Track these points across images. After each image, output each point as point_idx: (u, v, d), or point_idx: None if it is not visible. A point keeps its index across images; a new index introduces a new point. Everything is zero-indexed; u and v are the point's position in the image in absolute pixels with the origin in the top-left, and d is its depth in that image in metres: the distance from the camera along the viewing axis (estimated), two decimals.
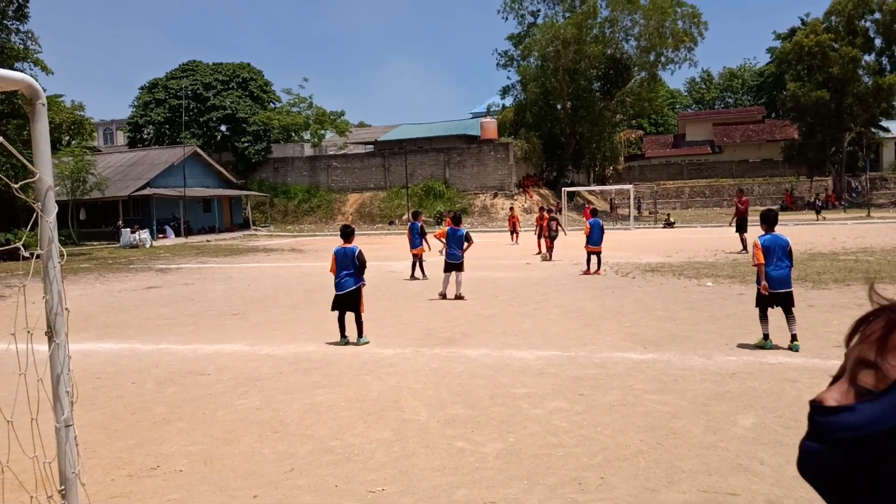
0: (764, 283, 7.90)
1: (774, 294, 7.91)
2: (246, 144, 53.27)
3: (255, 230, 45.69)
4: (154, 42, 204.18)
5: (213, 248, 31.42)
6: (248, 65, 55.84)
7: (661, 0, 46.20)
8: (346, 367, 7.94)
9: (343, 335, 9.21)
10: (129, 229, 34.12)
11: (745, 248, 19.89)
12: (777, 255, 7.95)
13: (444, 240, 13.44)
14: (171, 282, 18.07)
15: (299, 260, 23.69)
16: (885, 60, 47.78)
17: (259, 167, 54.02)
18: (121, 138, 73.10)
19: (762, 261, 7.92)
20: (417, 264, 16.73)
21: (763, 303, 8.03)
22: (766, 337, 8.08)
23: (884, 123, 59.10)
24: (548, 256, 20.01)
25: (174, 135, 52.30)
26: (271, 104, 56.24)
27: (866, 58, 47.51)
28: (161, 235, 37.78)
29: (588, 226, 16.53)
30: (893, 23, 45.46)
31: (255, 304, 13.30)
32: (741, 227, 20.42)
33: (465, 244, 13.23)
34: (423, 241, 16.71)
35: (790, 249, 8.07)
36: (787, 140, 56.07)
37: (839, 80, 45.79)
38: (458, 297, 12.89)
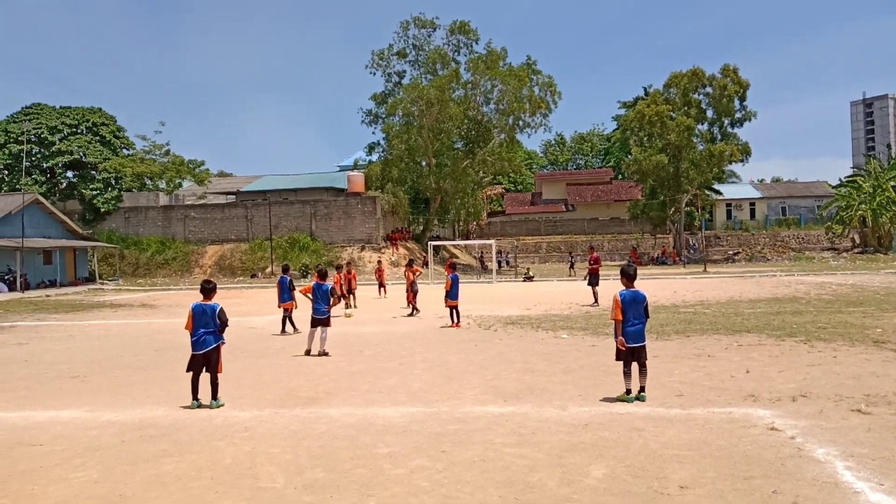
0: (621, 338, 8.24)
1: (631, 348, 8.24)
2: (95, 192, 50.03)
3: (102, 284, 42.61)
4: None
5: (53, 303, 28.90)
6: (100, 109, 52.88)
7: (517, 69, 49.08)
8: (197, 433, 7.48)
9: (195, 397, 8.69)
10: None
11: (596, 300, 21.09)
12: (635, 310, 8.29)
13: (309, 295, 13.19)
14: (2, 341, 16.36)
15: (150, 316, 22.28)
16: (716, 130, 53.15)
17: (109, 216, 50.81)
18: None
19: (619, 317, 8.23)
20: (287, 319, 16.29)
21: (624, 357, 8.32)
22: (628, 392, 8.33)
23: (717, 186, 65.44)
24: (416, 311, 19.92)
25: (14, 181, 48.23)
26: (124, 150, 53.39)
27: (700, 127, 52.69)
28: None
29: (449, 280, 16.91)
30: (722, 97, 50.86)
31: (97, 366, 12.30)
32: (593, 281, 21.70)
33: (332, 299, 13.06)
34: (292, 297, 16.34)
35: (647, 305, 8.45)
36: (632, 200, 60.57)
37: (676, 146, 50.36)
38: (322, 353, 12.62)
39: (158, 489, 5.72)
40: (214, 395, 8.74)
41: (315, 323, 12.89)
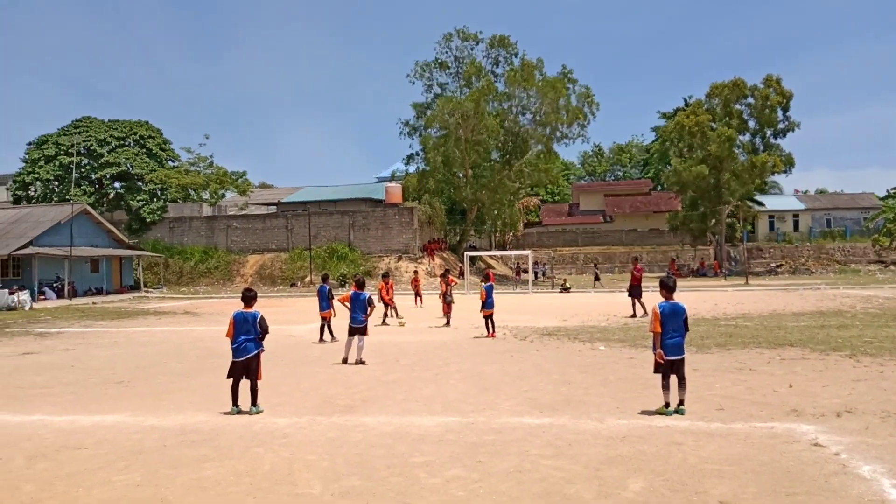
0: (659, 350, 8.13)
1: (670, 361, 8.13)
2: (141, 203, 51.36)
3: (147, 292, 43.63)
4: (45, 96, 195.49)
5: (99, 310, 29.69)
6: (147, 122, 54.37)
7: (553, 79, 48.98)
8: (236, 439, 7.61)
9: (235, 404, 8.84)
10: (6, 290, 31.79)
11: (635, 313, 20.82)
12: (674, 323, 8.16)
13: (348, 304, 13.31)
14: (50, 347, 16.88)
15: (192, 324, 22.73)
16: (758, 140, 52.21)
17: (154, 226, 52.09)
18: (3, 194, 68.83)
19: (659, 329, 8.10)
20: (326, 327, 16.56)
21: (662, 370, 8.21)
22: (667, 405, 8.23)
23: (759, 198, 64.20)
24: (447, 322, 19.91)
25: (63, 192, 49.78)
26: (170, 162, 54.73)
27: (742, 138, 51.82)
28: (41, 297, 35.39)
29: (483, 291, 16.99)
30: (764, 108, 49.97)
31: (141, 372, 12.60)
32: (635, 293, 21.37)
33: (369, 308, 13.15)
34: (331, 305, 16.61)
35: (686, 317, 8.32)
36: (671, 211, 59.76)
37: (717, 157, 49.57)
38: (360, 361, 12.75)
39: (199, 493, 5.84)
40: (254, 402, 8.88)
41: (352, 332, 12.99)
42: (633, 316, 20.67)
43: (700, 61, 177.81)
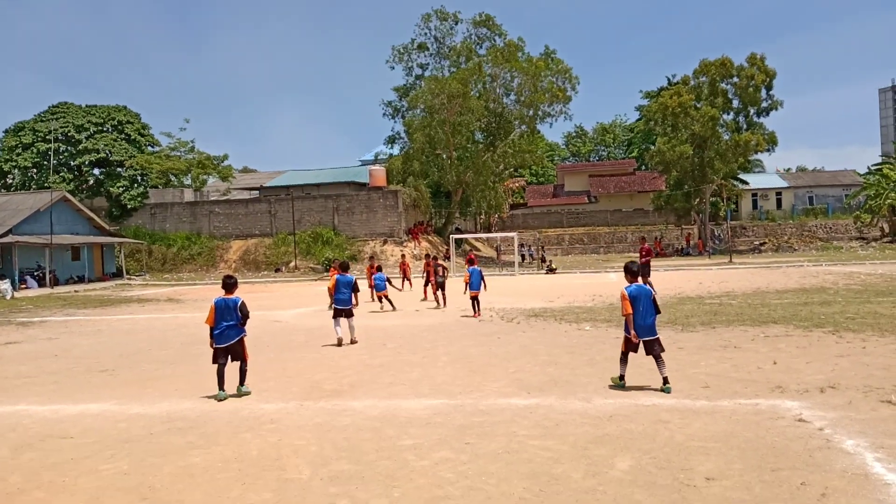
0: (633, 331, 8.35)
1: (644, 341, 8.37)
2: (121, 189, 50.74)
3: (129, 279, 43.24)
4: (19, 82, 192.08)
5: (81, 298, 29.39)
6: (125, 107, 53.59)
7: (536, 59, 48.86)
8: (223, 425, 7.57)
9: (221, 388, 8.83)
10: None
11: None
12: (643, 303, 8.40)
13: (332, 290, 13.54)
14: (32, 336, 16.69)
15: (176, 311, 22.57)
16: (741, 119, 52.40)
17: (135, 213, 51.50)
18: None
19: (630, 311, 8.37)
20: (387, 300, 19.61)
21: (632, 349, 8.47)
22: (621, 378, 8.57)
23: (742, 176, 64.57)
24: (443, 304, 20.02)
25: (42, 180, 49.10)
26: (150, 148, 54.07)
27: (725, 117, 51.97)
28: (22, 286, 34.98)
29: (468, 273, 17.69)
30: (749, 87, 50.11)
31: (125, 360, 12.49)
32: (643, 272, 21.23)
33: (354, 294, 13.31)
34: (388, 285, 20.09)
35: (654, 297, 8.57)
36: (656, 191, 59.96)
37: (701, 136, 49.73)
38: (353, 341, 13.17)
39: (187, 480, 5.81)
40: (242, 381, 9.03)
41: (339, 314, 13.17)
42: None
43: (683, 41, 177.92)
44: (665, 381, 8.32)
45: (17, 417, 8.28)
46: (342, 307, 13.16)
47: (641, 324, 8.36)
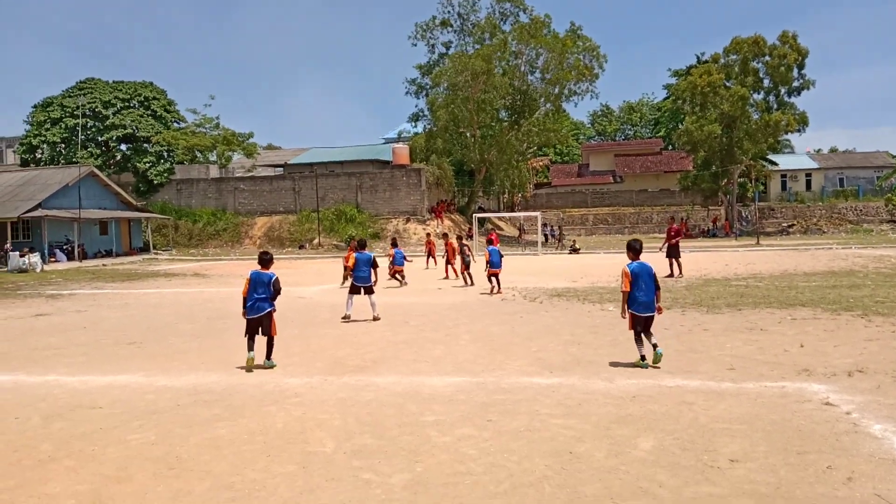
0: (627, 309, 8.66)
1: (643, 317, 8.63)
2: (148, 165, 51.29)
3: (156, 254, 43.83)
4: (48, 57, 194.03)
5: (109, 272, 29.88)
6: (151, 83, 53.99)
7: (563, 36, 48.14)
8: (249, 398, 7.67)
9: (251, 349, 9.13)
10: (17, 252, 32.01)
11: (672, 273, 20.56)
12: (644, 280, 8.60)
13: (351, 267, 13.68)
14: (62, 309, 17.02)
15: (202, 285, 22.84)
16: (772, 99, 51.36)
17: (162, 188, 52.09)
18: (10, 157, 68.88)
19: (628, 288, 8.63)
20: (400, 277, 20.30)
21: (636, 327, 8.68)
22: (643, 358, 8.60)
23: (772, 157, 63.45)
24: (470, 282, 20.02)
25: (70, 155, 49.74)
26: (175, 124, 54.48)
27: (755, 96, 50.96)
28: (52, 259, 35.62)
29: (487, 252, 17.99)
30: (780, 66, 49.04)
31: (153, 333, 12.69)
32: (673, 253, 21.01)
33: (373, 270, 13.45)
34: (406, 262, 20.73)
35: (654, 275, 8.74)
36: (683, 171, 59.15)
37: (730, 116, 48.86)
38: (375, 318, 13.26)
39: (213, 452, 5.90)
40: (268, 356, 9.21)
41: (356, 290, 13.35)
42: (671, 276, 20.40)
43: (712, 18, 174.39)
44: (655, 346, 8.58)
45: (48, 388, 8.46)
46: (362, 284, 13.28)
47: (644, 300, 8.56)
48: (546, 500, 4.68)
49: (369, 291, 13.33)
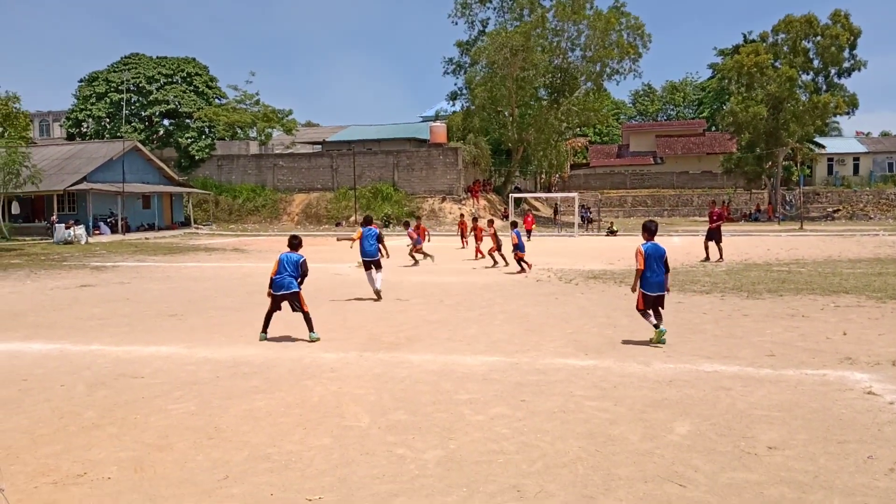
0: (638, 287, 8.89)
1: (654, 296, 8.88)
2: (189, 140, 52.09)
3: (197, 229, 44.64)
4: (94, 32, 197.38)
5: (151, 245, 30.54)
6: (194, 59, 54.68)
7: (605, 13, 47.20)
8: (286, 372, 7.80)
9: (264, 331, 9.49)
10: (63, 224, 32.91)
11: (708, 256, 20.34)
12: (655, 261, 8.87)
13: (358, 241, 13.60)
14: (106, 280, 17.47)
15: (241, 260, 23.22)
16: (821, 80, 49.82)
17: (203, 164, 52.90)
18: (57, 130, 70.60)
19: (642, 267, 8.84)
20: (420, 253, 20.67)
21: (648, 305, 8.94)
22: (657, 326, 8.89)
23: (819, 140, 61.67)
24: (503, 263, 19.99)
25: (115, 129, 50.78)
26: (217, 100, 55.13)
27: (804, 77, 49.44)
28: (96, 232, 36.54)
29: (514, 236, 18.11)
30: (831, 46, 47.47)
31: (193, 306, 12.96)
32: (714, 237, 20.71)
33: (381, 245, 13.54)
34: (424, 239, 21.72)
35: (665, 258, 8.99)
36: (726, 153, 57.88)
37: (777, 97, 47.54)
38: (377, 292, 13.27)
39: (251, 423, 6.02)
40: (311, 328, 9.44)
41: (368, 266, 13.38)
42: (707, 259, 20.18)
43: None
44: (657, 326, 8.84)
45: (92, 357, 8.71)
46: (369, 258, 13.32)
47: (655, 280, 8.85)
48: (579, 481, 4.68)
49: (378, 266, 13.40)
